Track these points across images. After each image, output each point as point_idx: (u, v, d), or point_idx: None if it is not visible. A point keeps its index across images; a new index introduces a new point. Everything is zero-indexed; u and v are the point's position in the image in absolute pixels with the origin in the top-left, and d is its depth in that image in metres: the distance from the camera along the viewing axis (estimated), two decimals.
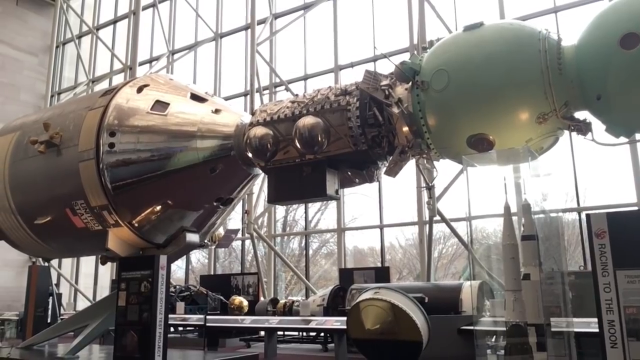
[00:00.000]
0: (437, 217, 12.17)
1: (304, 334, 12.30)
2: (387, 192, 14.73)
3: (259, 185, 14.74)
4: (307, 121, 6.21)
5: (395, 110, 5.90)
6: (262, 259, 16.03)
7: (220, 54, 18.96)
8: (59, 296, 15.33)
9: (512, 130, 5.44)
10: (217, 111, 7.13)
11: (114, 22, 22.62)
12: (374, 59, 15.19)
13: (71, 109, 7.70)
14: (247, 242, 17.02)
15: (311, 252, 18.98)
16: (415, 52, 11.65)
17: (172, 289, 12.96)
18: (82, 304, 18.68)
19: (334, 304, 11.03)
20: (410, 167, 7.94)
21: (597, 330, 4.66)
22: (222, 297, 13.77)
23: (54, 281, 16.80)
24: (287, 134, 6.47)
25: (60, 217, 7.24)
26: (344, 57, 16.04)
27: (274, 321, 10.40)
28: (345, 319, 8.08)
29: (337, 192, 6.70)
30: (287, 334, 12.64)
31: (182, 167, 6.82)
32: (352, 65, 15.82)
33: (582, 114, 5.44)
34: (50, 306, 12.70)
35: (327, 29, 16.46)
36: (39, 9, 23.51)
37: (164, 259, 6.95)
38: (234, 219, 16.88)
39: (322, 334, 11.20)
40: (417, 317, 6.92)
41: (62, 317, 12.93)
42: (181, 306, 12.55)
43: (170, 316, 8.58)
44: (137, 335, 6.70)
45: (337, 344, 9.26)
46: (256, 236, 15.38)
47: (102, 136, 6.83)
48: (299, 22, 17.05)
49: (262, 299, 13.63)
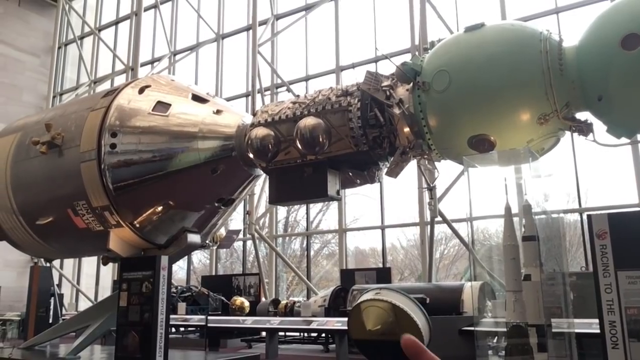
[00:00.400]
0: (439, 218, 12.17)
1: (305, 335, 12.30)
2: (388, 193, 14.74)
3: (261, 185, 14.75)
4: (309, 122, 6.21)
5: (396, 111, 5.90)
6: (264, 260, 16.04)
7: (221, 54, 18.99)
8: (61, 297, 15.36)
9: (513, 131, 5.44)
10: (218, 112, 7.14)
11: (116, 23, 22.67)
12: (375, 60, 15.20)
13: (73, 110, 7.72)
14: (249, 243, 17.03)
15: (312, 252, 18.98)
16: (416, 53, 11.66)
17: (173, 290, 12.97)
18: (84, 305, 18.71)
19: (335, 305, 11.03)
20: (411, 167, 7.95)
21: (598, 331, 4.66)
22: (223, 298, 13.77)
23: (56, 282, 16.81)
24: (289, 135, 6.48)
25: (61, 217, 7.26)
26: (345, 58, 16.06)
27: (275, 322, 10.40)
28: (346, 319, 8.08)
29: (338, 192, 6.70)
30: (288, 334, 12.64)
31: (183, 168, 6.83)
32: (353, 66, 15.83)
33: (583, 115, 5.44)
34: (52, 307, 12.73)
35: (329, 29, 16.48)
36: (41, 10, 23.56)
37: (165, 260, 6.96)
38: (236, 220, 16.93)
39: (324, 335, 11.20)
40: (419, 317, 6.92)
41: (63, 317, 12.95)
42: (182, 307, 12.56)
43: (171, 317, 8.59)
44: (138, 335, 6.71)
45: (338, 344, 9.26)
46: (257, 237, 15.39)
47: (104, 137, 6.85)
48: (301, 23, 17.08)
49: (263, 299, 13.63)
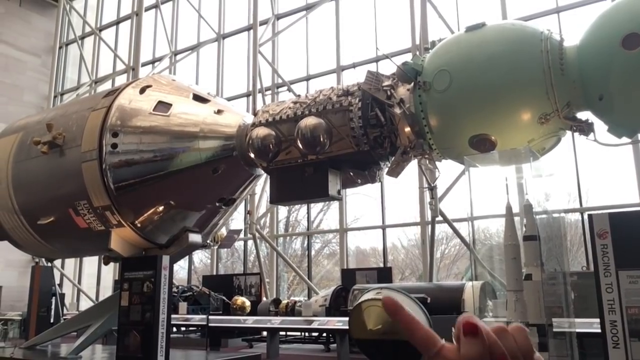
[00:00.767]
0: (440, 218, 12.17)
1: (306, 334, 12.30)
2: (389, 193, 14.74)
3: (261, 185, 14.76)
4: (309, 122, 6.22)
5: (397, 110, 5.91)
6: (265, 260, 16.05)
7: (222, 54, 18.99)
8: (62, 296, 15.37)
9: (514, 130, 5.45)
10: (219, 112, 7.15)
11: (117, 23, 22.67)
12: (376, 60, 15.20)
13: (74, 110, 7.73)
14: (250, 243, 17.03)
15: (313, 252, 18.99)
16: (417, 53, 11.66)
17: (174, 289, 12.98)
18: (85, 304, 18.72)
19: (336, 305, 11.03)
20: (412, 167, 7.95)
21: (599, 330, 4.67)
22: (224, 298, 13.78)
23: (57, 281, 16.82)
24: (290, 135, 6.48)
25: (63, 217, 7.27)
26: (346, 58, 16.06)
27: (276, 321, 10.41)
28: (347, 319, 8.09)
29: (339, 192, 6.70)
30: (289, 334, 12.64)
31: (184, 168, 6.83)
32: (354, 65, 15.83)
33: (584, 115, 5.44)
34: (53, 306, 12.75)
35: (330, 29, 16.49)
36: (42, 10, 23.57)
37: (166, 259, 6.97)
38: (237, 220, 16.94)
39: (325, 334, 11.20)
40: (420, 317, 6.92)
41: (65, 317, 12.96)
42: (184, 306, 12.58)
43: (172, 316, 8.60)
44: (139, 335, 6.72)
45: (339, 344, 9.26)
46: (258, 236, 15.39)
47: (105, 137, 6.85)
48: (302, 23, 17.08)
49: (264, 299, 13.64)
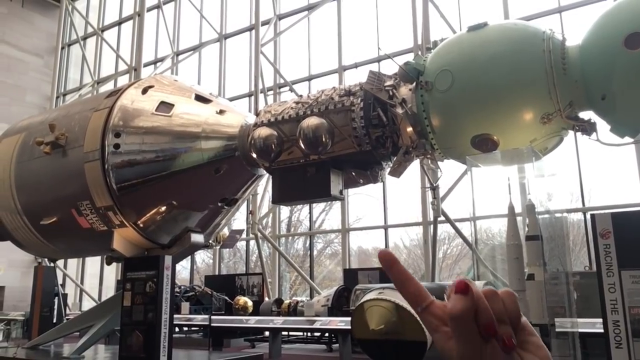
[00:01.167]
0: (442, 218, 12.16)
1: (309, 334, 12.31)
2: (391, 193, 14.73)
3: (264, 185, 14.76)
4: (311, 122, 6.22)
5: (399, 110, 5.91)
6: (267, 260, 16.06)
7: (224, 54, 19.01)
8: (65, 296, 15.40)
9: (516, 130, 5.44)
10: (221, 112, 7.15)
11: (119, 23, 22.70)
12: (378, 60, 15.19)
13: (76, 110, 7.74)
14: (252, 243, 17.03)
15: (315, 252, 18.97)
16: (419, 53, 11.65)
17: (177, 289, 13.00)
18: (88, 304, 18.75)
19: (339, 304, 11.03)
20: (414, 167, 7.94)
21: (602, 330, 4.66)
22: (226, 298, 13.79)
23: (60, 281, 16.85)
24: (292, 135, 6.49)
25: (65, 217, 7.28)
26: (348, 58, 16.05)
27: (278, 321, 10.41)
28: (349, 319, 8.09)
29: (341, 192, 6.70)
30: (291, 334, 12.65)
31: (186, 168, 6.84)
32: (356, 65, 15.83)
33: (586, 114, 5.43)
34: (55, 306, 12.77)
35: (331, 29, 16.48)
36: (45, 11, 23.62)
37: (168, 260, 6.98)
38: (239, 220, 16.92)
39: (327, 334, 11.21)
40: None
41: (67, 317, 12.98)
42: (186, 306, 12.58)
43: (175, 316, 8.61)
44: (142, 335, 6.73)
45: (342, 344, 9.26)
46: (261, 237, 15.40)
47: (108, 137, 6.87)
48: (303, 23, 17.07)
49: (266, 299, 13.64)
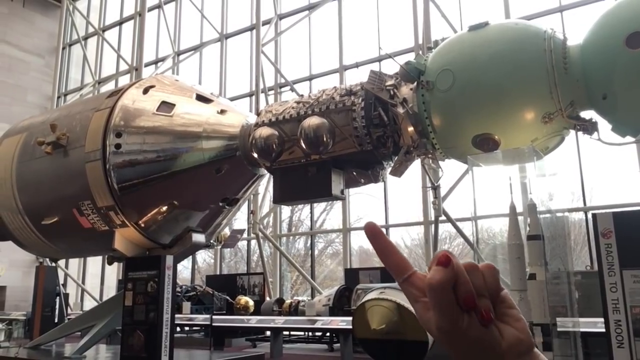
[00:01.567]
0: (443, 217, 12.16)
1: (310, 334, 12.32)
2: (392, 192, 14.73)
3: (265, 185, 14.76)
4: (312, 121, 6.22)
5: (400, 110, 5.90)
6: (268, 259, 16.06)
7: (225, 54, 19.01)
8: (66, 296, 15.40)
9: (517, 130, 5.44)
10: (222, 112, 7.16)
11: (120, 23, 22.71)
12: (379, 59, 15.19)
13: (78, 110, 7.75)
14: (253, 242, 17.04)
15: (317, 252, 18.98)
16: (420, 52, 11.65)
17: (178, 289, 13.00)
18: (89, 304, 18.76)
19: (340, 304, 11.04)
20: (415, 167, 7.94)
21: (603, 330, 4.65)
22: (228, 297, 13.80)
23: (61, 281, 16.86)
24: (293, 135, 6.49)
25: (67, 217, 7.29)
26: (348, 58, 16.05)
27: (279, 321, 10.42)
28: (350, 319, 8.09)
29: (342, 192, 6.70)
30: (292, 333, 12.66)
31: (187, 168, 6.84)
32: (357, 65, 15.82)
33: (588, 114, 5.43)
34: (57, 306, 12.77)
35: (332, 29, 16.47)
36: (46, 11, 23.63)
37: (170, 259, 6.98)
38: (240, 219, 16.92)
39: (328, 334, 11.21)
40: None
41: (69, 317, 12.99)
42: (187, 306, 12.59)
43: (176, 316, 8.62)
44: (143, 335, 6.73)
45: (343, 343, 9.27)
46: (262, 236, 15.40)
47: (109, 137, 6.87)
48: (304, 23, 17.07)
49: (267, 299, 13.64)
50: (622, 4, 5.07)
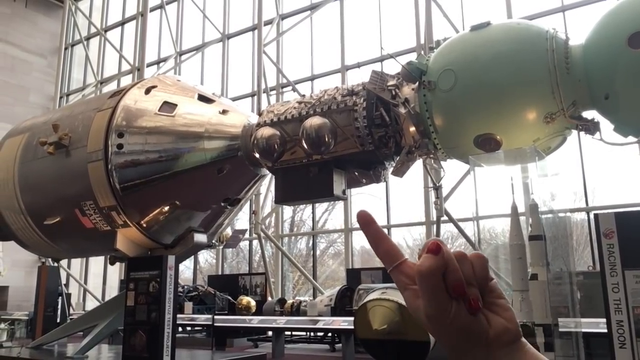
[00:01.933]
0: (445, 217, 12.15)
1: (312, 334, 12.31)
2: (394, 192, 14.73)
3: (266, 185, 14.77)
4: (314, 121, 6.22)
5: (402, 110, 5.90)
6: (270, 259, 16.07)
7: (227, 54, 19.03)
8: (68, 296, 15.44)
9: (519, 130, 5.43)
10: (224, 112, 7.16)
11: (122, 23, 22.75)
12: (381, 59, 15.18)
13: (80, 111, 7.76)
14: (255, 243, 17.06)
15: (318, 252, 18.99)
16: (422, 52, 11.64)
17: (180, 289, 13.01)
18: (91, 304, 18.79)
19: (342, 304, 11.03)
20: (417, 167, 7.94)
21: (605, 330, 4.65)
22: (229, 297, 13.81)
23: (63, 281, 16.90)
24: (294, 135, 6.49)
25: (69, 217, 7.30)
26: (350, 58, 16.05)
27: (281, 321, 10.42)
28: (352, 319, 8.09)
29: (344, 192, 6.70)
30: (294, 334, 12.66)
31: (189, 168, 6.85)
32: (358, 65, 15.82)
33: (590, 114, 5.42)
34: (59, 306, 12.78)
35: (334, 29, 16.48)
36: (48, 11, 23.68)
37: (172, 259, 6.99)
38: (242, 219, 16.93)
39: (330, 334, 11.21)
40: None
41: (71, 317, 13.02)
42: (189, 306, 12.60)
43: (178, 316, 8.63)
44: (145, 335, 6.74)
45: (345, 344, 9.27)
46: (264, 236, 15.41)
47: (111, 137, 6.88)
48: (306, 23, 17.08)
49: (269, 299, 13.65)
50: (625, 3, 5.06)
